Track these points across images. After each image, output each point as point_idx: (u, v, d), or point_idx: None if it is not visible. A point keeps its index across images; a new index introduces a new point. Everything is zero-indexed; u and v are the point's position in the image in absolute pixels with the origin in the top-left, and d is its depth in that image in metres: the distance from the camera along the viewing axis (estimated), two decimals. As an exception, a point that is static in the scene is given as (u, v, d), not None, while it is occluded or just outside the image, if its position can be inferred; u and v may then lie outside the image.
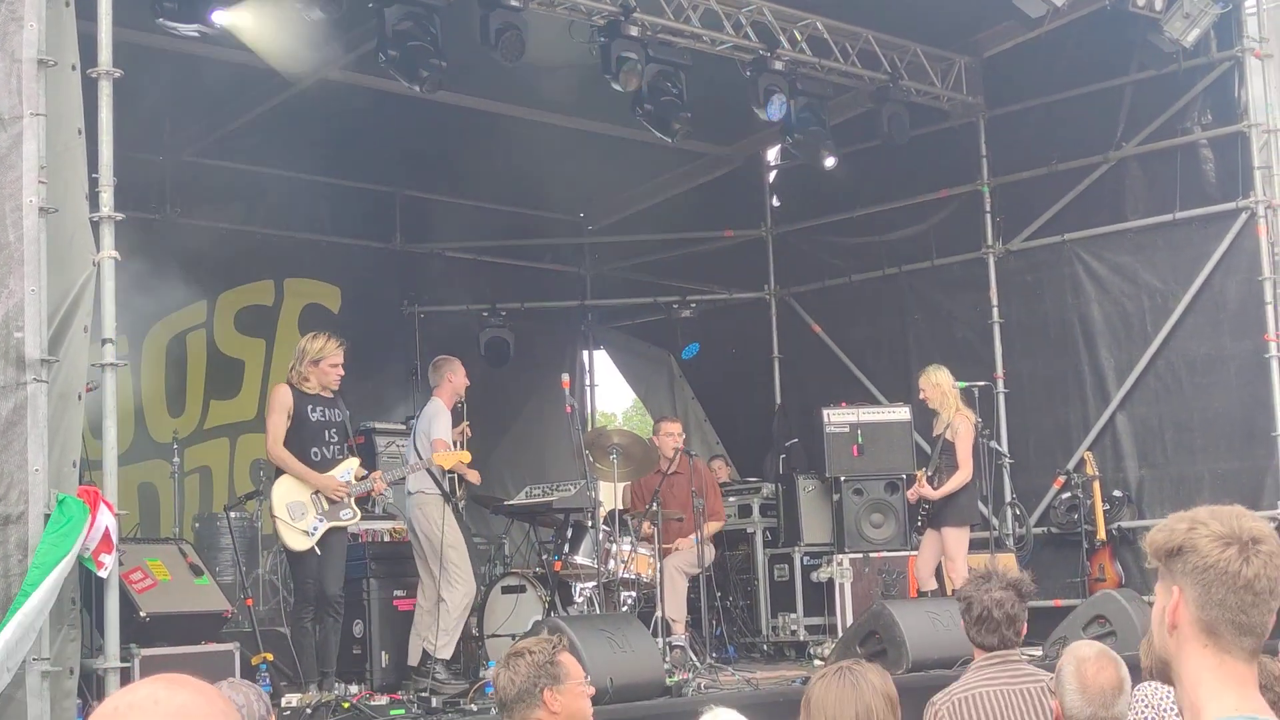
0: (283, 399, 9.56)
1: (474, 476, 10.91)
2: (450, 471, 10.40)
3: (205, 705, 2.03)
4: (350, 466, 9.67)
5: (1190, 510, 2.43)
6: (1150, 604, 2.58)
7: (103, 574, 6.98)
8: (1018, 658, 5.44)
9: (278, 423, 9.52)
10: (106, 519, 6.82)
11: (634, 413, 35.75)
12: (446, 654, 10.09)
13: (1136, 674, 4.55)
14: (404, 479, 10.40)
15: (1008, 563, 12.69)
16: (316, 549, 9.39)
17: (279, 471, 9.57)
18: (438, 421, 10.50)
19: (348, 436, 9.89)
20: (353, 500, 9.60)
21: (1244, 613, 2.32)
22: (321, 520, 9.41)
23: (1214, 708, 2.32)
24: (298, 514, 9.37)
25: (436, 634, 10.00)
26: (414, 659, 10.25)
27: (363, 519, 10.65)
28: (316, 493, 9.43)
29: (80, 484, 7.03)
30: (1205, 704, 2.33)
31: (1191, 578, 2.35)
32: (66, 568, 6.61)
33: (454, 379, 10.74)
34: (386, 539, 11.79)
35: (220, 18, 9.89)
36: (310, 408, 9.59)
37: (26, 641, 6.45)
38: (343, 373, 9.85)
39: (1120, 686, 4.54)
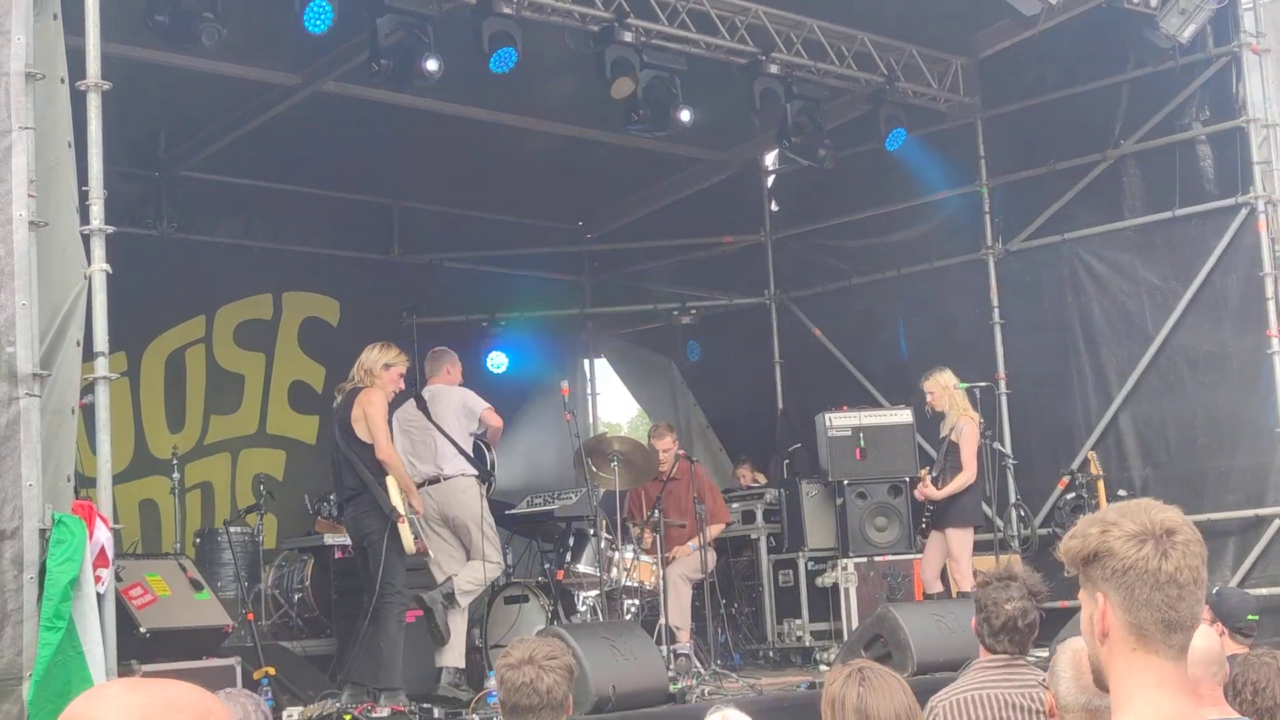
0: (383, 403, 9.37)
1: None
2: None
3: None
4: None
5: (1100, 512, 2.39)
6: None
7: (100, 589, 6.93)
8: (1022, 662, 5.37)
9: (385, 425, 9.33)
10: (102, 534, 6.79)
11: (639, 422, 35.65)
12: (465, 602, 9.82)
13: None
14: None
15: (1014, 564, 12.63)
16: None
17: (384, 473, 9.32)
18: (471, 397, 10.31)
19: None
20: None
21: (1171, 609, 2.29)
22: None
23: (1133, 709, 2.28)
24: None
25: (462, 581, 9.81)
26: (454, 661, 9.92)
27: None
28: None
29: (76, 499, 6.99)
30: (1125, 706, 2.29)
31: (1113, 582, 2.31)
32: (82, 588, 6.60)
33: (453, 371, 10.63)
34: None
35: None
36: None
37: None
38: (403, 386, 9.70)
39: None
